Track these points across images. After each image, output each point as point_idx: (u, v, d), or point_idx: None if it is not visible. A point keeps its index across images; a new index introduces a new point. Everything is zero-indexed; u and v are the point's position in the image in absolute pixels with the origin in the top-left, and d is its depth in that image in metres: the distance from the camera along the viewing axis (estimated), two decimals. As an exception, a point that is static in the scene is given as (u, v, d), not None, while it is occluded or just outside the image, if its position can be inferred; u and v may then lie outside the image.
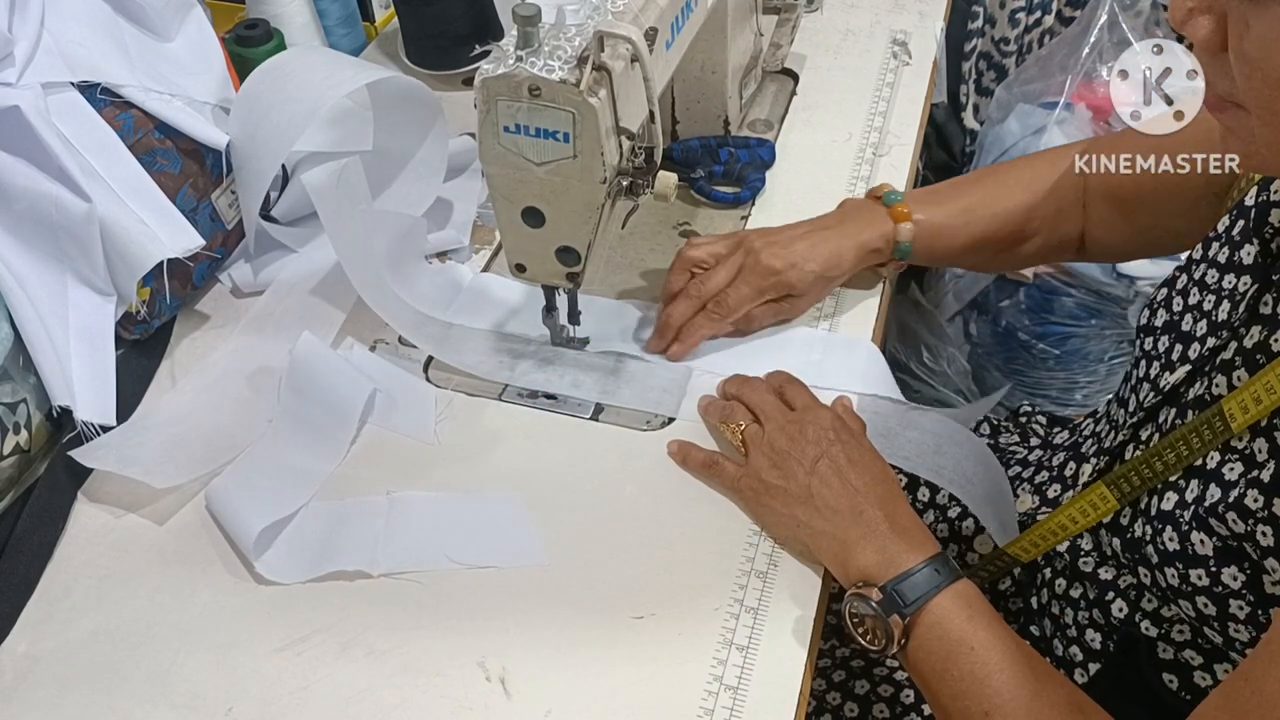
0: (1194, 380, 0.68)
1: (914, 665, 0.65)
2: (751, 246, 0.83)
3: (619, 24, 0.65)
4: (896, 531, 0.67)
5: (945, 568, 0.65)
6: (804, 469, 0.71)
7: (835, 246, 0.84)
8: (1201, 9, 0.52)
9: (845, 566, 0.67)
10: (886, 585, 0.64)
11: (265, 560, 0.70)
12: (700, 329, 0.83)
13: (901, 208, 0.85)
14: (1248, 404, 0.60)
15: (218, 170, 0.87)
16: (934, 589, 0.64)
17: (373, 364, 0.84)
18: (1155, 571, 0.67)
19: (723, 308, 0.82)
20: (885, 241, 0.85)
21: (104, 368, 0.78)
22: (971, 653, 0.62)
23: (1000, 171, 0.91)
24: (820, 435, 0.72)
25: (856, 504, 0.69)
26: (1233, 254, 0.68)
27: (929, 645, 0.63)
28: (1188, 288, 0.71)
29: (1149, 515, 0.67)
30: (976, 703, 0.61)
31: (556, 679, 0.65)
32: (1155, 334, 0.73)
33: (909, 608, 0.63)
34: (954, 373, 1.67)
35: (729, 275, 0.83)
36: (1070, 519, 0.75)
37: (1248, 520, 0.59)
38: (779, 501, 0.71)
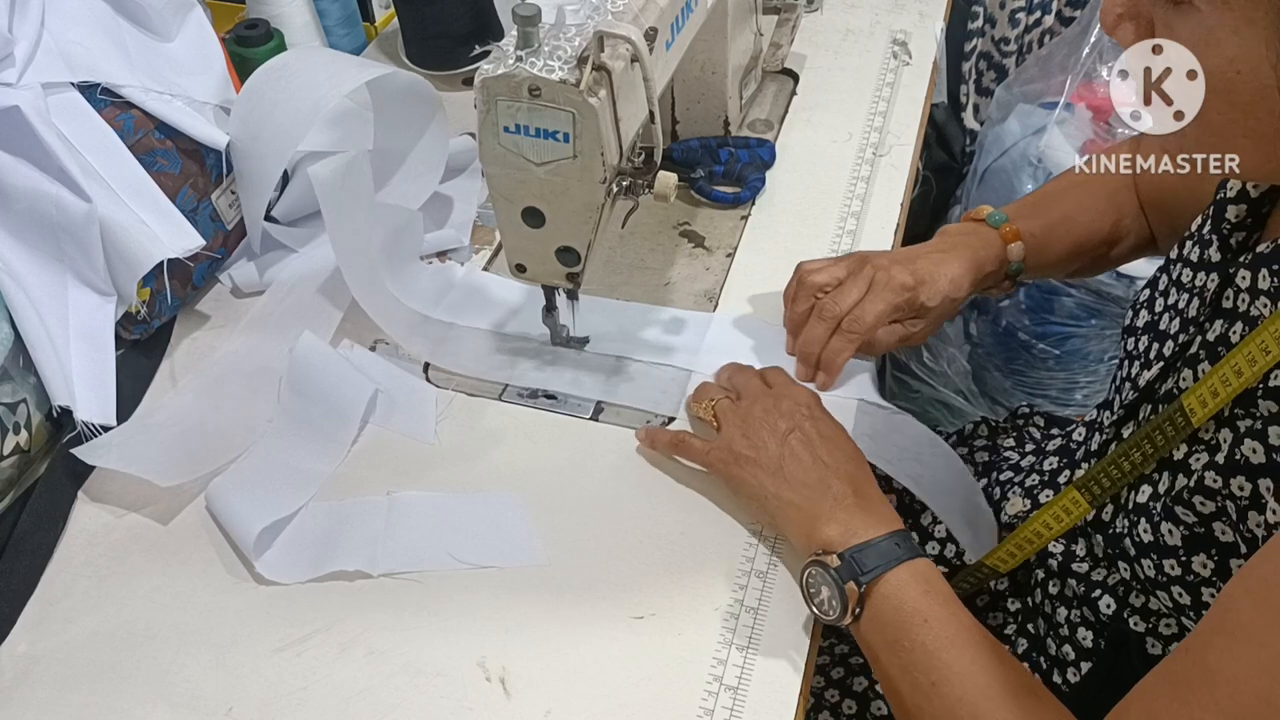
0: (1166, 377, 0.68)
1: (865, 636, 0.64)
2: (879, 263, 0.81)
3: (619, 24, 0.65)
4: (861, 506, 0.67)
5: (906, 543, 0.65)
6: (775, 441, 0.71)
7: (956, 268, 0.82)
8: (1129, 15, 0.54)
9: (809, 538, 0.67)
10: (845, 552, 0.64)
11: (265, 560, 0.70)
12: (841, 352, 0.80)
13: (1009, 228, 0.85)
14: (1205, 398, 0.60)
15: (218, 170, 0.87)
16: (893, 560, 0.64)
17: (372, 364, 0.84)
18: (1134, 564, 0.67)
19: (859, 324, 0.79)
20: (999, 263, 0.85)
21: (104, 368, 0.78)
22: (925, 625, 0.62)
23: (1083, 176, 0.90)
24: (794, 409, 0.73)
25: (825, 478, 0.69)
26: (1202, 252, 0.69)
27: (883, 615, 0.63)
28: (1168, 288, 0.72)
29: (1127, 509, 0.68)
30: (925, 674, 0.60)
31: (556, 679, 0.65)
32: (1137, 334, 0.74)
33: (866, 575, 0.63)
34: (954, 373, 1.67)
35: (860, 292, 0.80)
36: (1045, 525, 0.75)
37: (1214, 499, 0.60)
38: (749, 471, 0.71)
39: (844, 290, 0.80)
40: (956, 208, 1.74)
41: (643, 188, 0.75)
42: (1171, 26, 0.51)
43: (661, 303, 0.91)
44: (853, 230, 0.96)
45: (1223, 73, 0.50)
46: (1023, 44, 1.73)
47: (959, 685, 0.59)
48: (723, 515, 0.74)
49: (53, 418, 0.77)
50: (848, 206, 0.99)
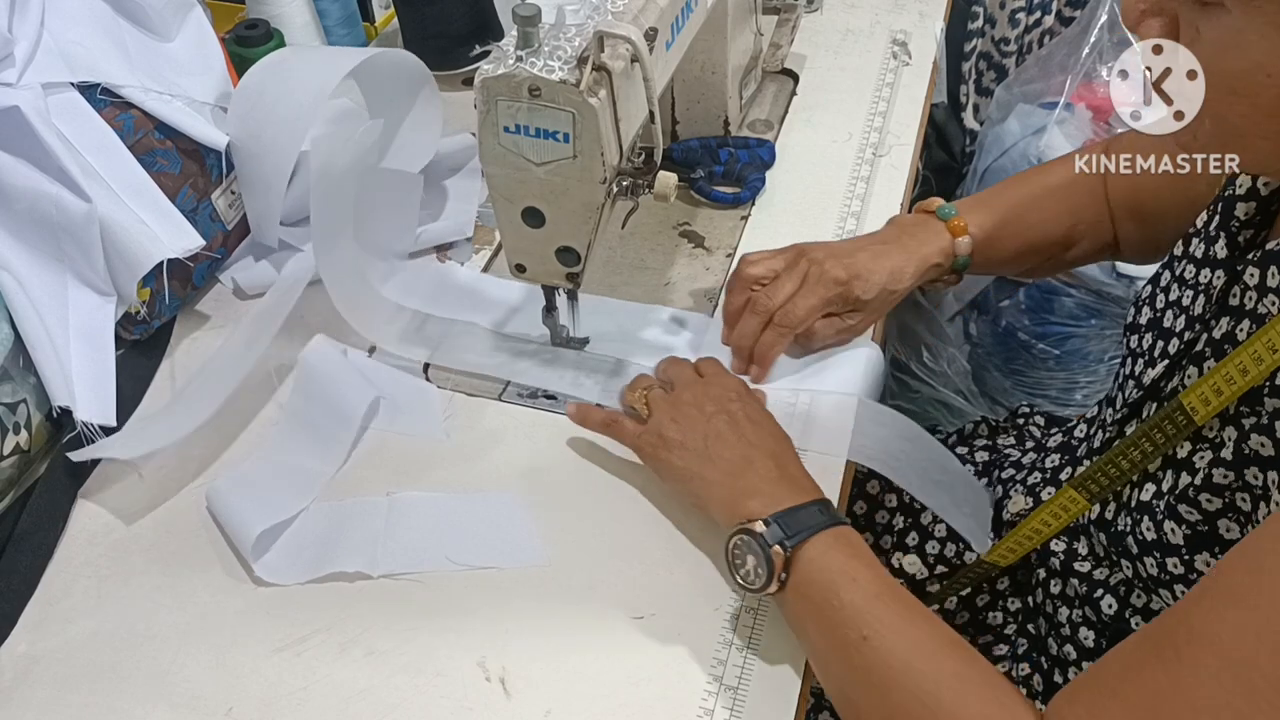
0: (1171, 375, 0.68)
1: (791, 603, 0.64)
2: (814, 257, 0.82)
3: (619, 24, 0.65)
4: (785, 479, 0.68)
5: (829, 510, 0.65)
6: (703, 423, 0.71)
7: (897, 260, 0.82)
8: (1153, 11, 0.53)
9: (733, 513, 0.67)
10: (770, 518, 0.64)
11: (264, 562, 0.70)
12: (773, 346, 0.81)
13: (958, 221, 0.85)
14: (1208, 395, 0.60)
15: (217, 170, 0.87)
16: (818, 525, 0.64)
17: (372, 369, 0.84)
18: (1136, 563, 0.67)
19: (790, 319, 0.80)
20: (945, 256, 0.85)
21: (104, 368, 0.78)
22: (854, 583, 0.61)
23: (1041, 176, 0.90)
24: (722, 395, 0.73)
25: (749, 455, 0.69)
26: (1208, 249, 0.68)
27: (810, 577, 0.62)
28: (1170, 284, 0.72)
29: (1130, 507, 0.68)
30: (855, 629, 0.59)
31: (556, 679, 0.65)
32: (1140, 331, 0.74)
33: (792, 539, 0.63)
34: (954, 373, 1.67)
35: (793, 287, 0.81)
36: (1043, 522, 0.75)
37: (1222, 495, 0.60)
38: (676, 455, 0.71)
39: (778, 285, 0.81)
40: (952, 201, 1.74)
41: (643, 188, 0.75)
42: (1197, 27, 0.50)
43: (661, 303, 0.91)
44: (852, 230, 0.96)
45: (1250, 75, 0.50)
46: (1023, 44, 1.73)
47: (890, 637, 0.59)
48: (723, 515, 0.74)
49: (53, 418, 0.77)
50: (847, 206, 0.99)
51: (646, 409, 0.75)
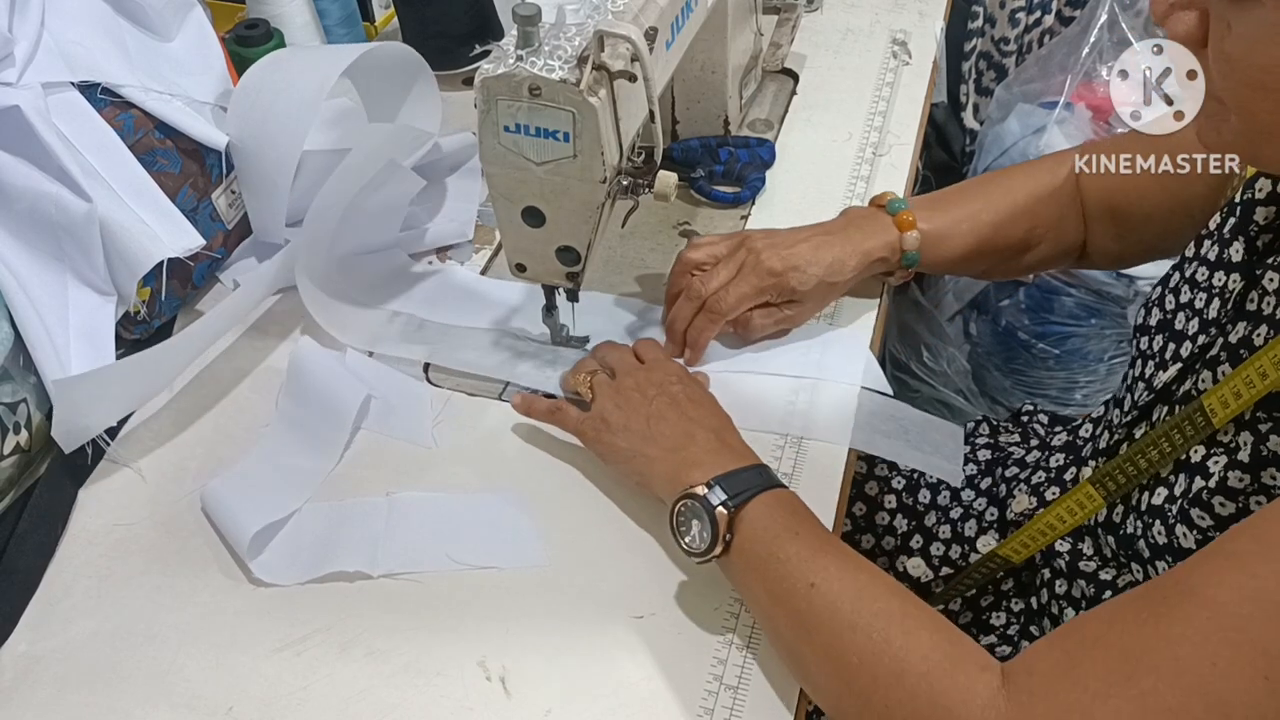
0: (1184, 378, 0.68)
1: (735, 564, 0.64)
2: (753, 246, 0.82)
3: (619, 23, 0.65)
4: (725, 448, 0.69)
5: (768, 474, 0.67)
6: (644, 405, 0.72)
7: (839, 252, 0.82)
8: (1182, 4, 0.53)
9: (676, 483, 0.67)
10: (712, 480, 0.64)
11: (261, 562, 0.70)
12: (703, 331, 0.82)
13: (906, 215, 0.84)
14: (1228, 399, 0.60)
15: (218, 170, 0.87)
16: (760, 486, 0.65)
17: (369, 368, 0.84)
18: (1147, 566, 0.67)
19: (720, 306, 0.81)
20: (890, 250, 0.84)
21: (104, 368, 0.78)
22: (796, 536, 0.62)
23: (1003, 178, 0.89)
24: (664, 379, 0.74)
25: (689, 429, 0.70)
26: (1222, 251, 0.68)
27: (754, 534, 0.63)
28: (1180, 286, 0.71)
29: (1140, 511, 0.68)
30: (803, 577, 0.60)
31: (556, 679, 0.65)
32: (1150, 333, 0.73)
33: (734, 500, 0.63)
34: (954, 373, 1.67)
35: (729, 275, 0.82)
36: (1058, 518, 0.75)
37: (1236, 499, 0.60)
38: (620, 437, 0.72)
39: (714, 272, 0.82)
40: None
41: (643, 187, 0.75)
42: (1228, 21, 0.50)
43: (661, 302, 0.90)
44: (853, 230, 0.96)
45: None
46: (1022, 44, 1.73)
47: (837, 583, 0.59)
48: (723, 515, 0.74)
49: (53, 418, 0.77)
50: (848, 206, 0.99)
51: (590, 393, 0.76)
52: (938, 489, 0.94)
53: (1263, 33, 0.48)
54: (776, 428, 0.79)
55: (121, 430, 0.79)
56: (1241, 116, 0.52)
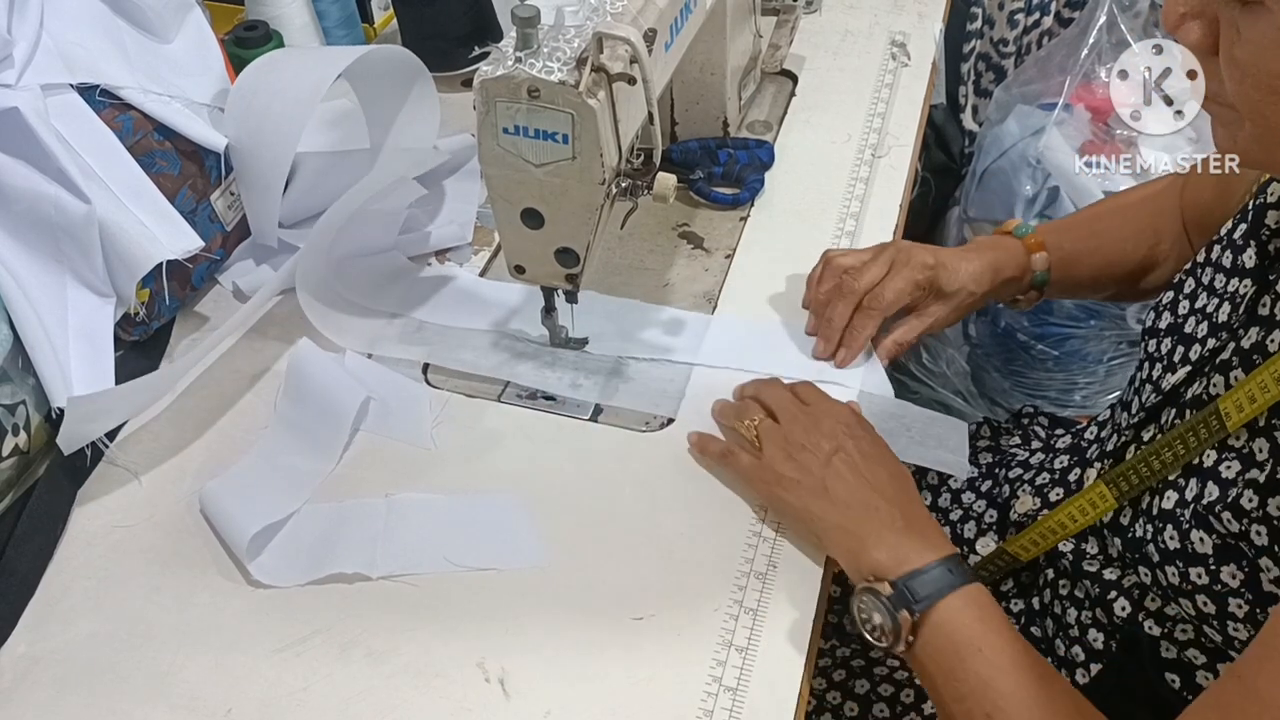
0: (1193, 381, 0.68)
1: (920, 664, 0.64)
2: (901, 246, 0.84)
3: (618, 25, 0.65)
4: (911, 529, 0.67)
5: (958, 569, 0.65)
6: (819, 462, 0.71)
7: (979, 265, 0.85)
8: (1193, 14, 0.53)
9: (858, 561, 0.67)
10: (898, 581, 0.64)
11: (260, 564, 0.70)
12: (862, 329, 0.82)
13: (1033, 238, 0.86)
14: (1242, 403, 0.60)
15: (216, 171, 0.87)
16: (946, 588, 0.64)
17: (369, 369, 0.84)
18: (1156, 570, 0.67)
19: (879, 300, 0.82)
20: (1020, 270, 0.86)
21: (103, 369, 0.78)
22: (979, 654, 0.61)
23: (1125, 197, 0.92)
24: (835, 429, 0.73)
25: (871, 499, 0.68)
26: (1235, 257, 0.68)
27: (937, 644, 0.63)
28: (1194, 291, 0.71)
29: (1150, 514, 0.67)
30: (979, 705, 0.60)
31: (556, 680, 0.65)
32: (1159, 336, 0.73)
33: (919, 604, 0.63)
34: (953, 374, 1.67)
35: (882, 271, 0.83)
36: (1070, 517, 0.75)
37: (1242, 520, 0.59)
38: (793, 494, 0.70)
39: (866, 268, 0.83)
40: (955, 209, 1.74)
41: (642, 189, 0.75)
42: (1238, 27, 0.50)
43: (661, 304, 0.91)
44: (851, 231, 0.96)
45: None
46: (1021, 45, 1.73)
47: (1015, 716, 0.59)
48: (722, 516, 0.74)
49: (52, 419, 0.77)
50: (847, 207, 0.99)
51: (757, 442, 0.74)
52: (938, 490, 0.94)
53: (1272, 39, 0.48)
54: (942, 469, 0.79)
55: (120, 432, 0.79)
56: (1255, 122, 0.52)
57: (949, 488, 0.94)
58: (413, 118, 0.94)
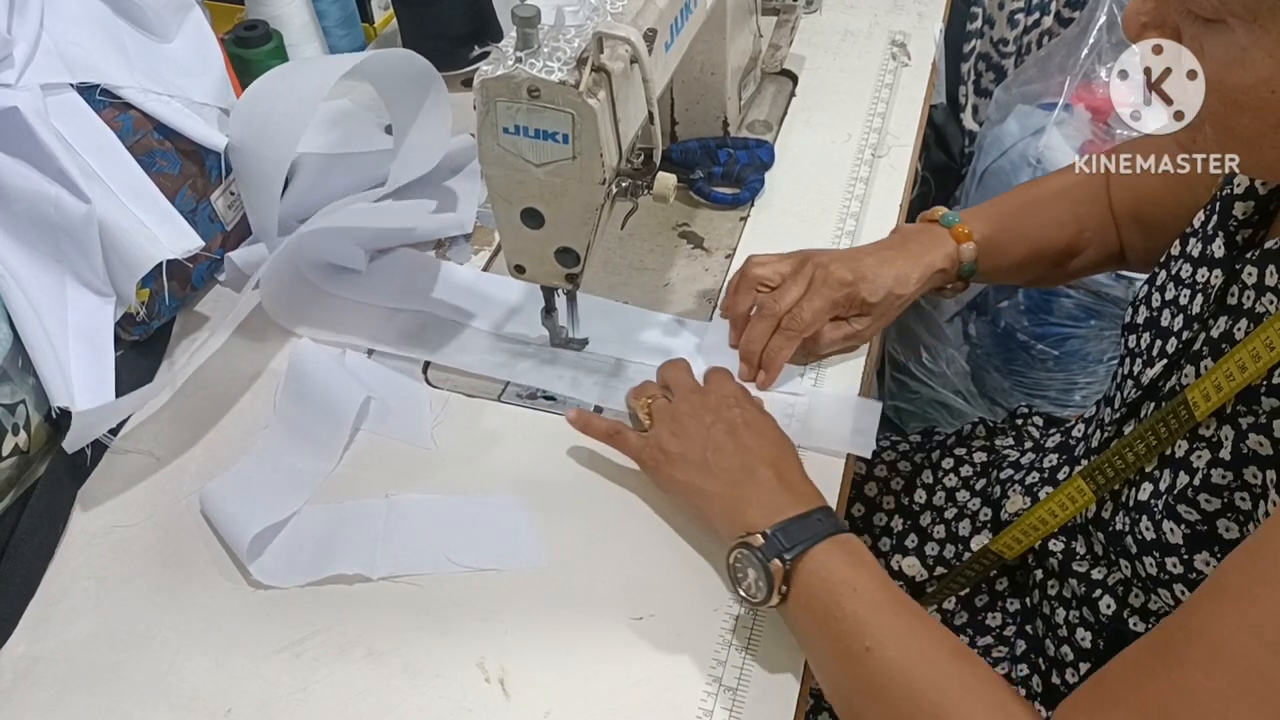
0: (1170, 374, 0.68)
1: (793, 615, 0.64)
2: (819, 261, 0.82)
3: (618, 25, 0.65)
4: (784, 486, 0.67)
5: (828, 518, 0.65)
6: (701, 434, 0.71)
7: (903, 265, 0.83)
8: (1154, 25, 0.54)
9: (733, 524, 0.67)
10: (768, 530, 0.64)
11: (260, 564, 0.70)
12: (781, 351, 0.81)
13: (962, 228, 0.85)
14: (1209, 391, 0.60)
15: (217, 171, 0.87)
16: (817, 535, 0.63)
17: (369, 369, 0.84)
18: (1135, 562, 0.67)
19: (797, 322, 0.80)
20: (950, 262, 0.85)
21: (103, 369, 0.78)
22: (854, 594, 0.61)
23: (1046, 184, 0.91)
24: (720, 403, 0.73)
25: (748, 463, 0.69)
26: (1204, 248, 0.69)
27: (810, 589, 0.62)
28: (1165, 283, 0.72)
29: (1128, 507, 0.68)
30: (859, 640, 0.59)
31: (556, 680, 0.65)
32: (1138, 331, 0.74)
33: (790, 552, 0.62)
34: (953, 373, 1.67)
35: (800, 290, 0.81)
36: (1050, 513, 0.75)
37: (1221, 495, 0.60)
38: (677, 469, 0.71)
39: (784, 289, 0.81)
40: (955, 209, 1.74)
41: (642, 189, 0.75)
42: (1200, 42, 0.51)
43: (661, 304, 0.91)
44: (851, 231, 0.96)
45: (1255, 91, 0.50)
46: (1021, 45, 1.73)
47: (894, 648, 0.58)
48: (722, 516, 0.74)
49: (52, 419, 0.77)
50: (846, 207, 0.99)
51: (649, 418, 0.75)
52: (933, 490, 0.94)
53: (1233, 55, 0.50)
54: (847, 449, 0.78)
55: (121, 431, 0.80)
56: (1216, 129, 0.54)
57: (944, 487, 0.94)
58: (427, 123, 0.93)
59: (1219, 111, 0.52)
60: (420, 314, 0.89)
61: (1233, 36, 0.49)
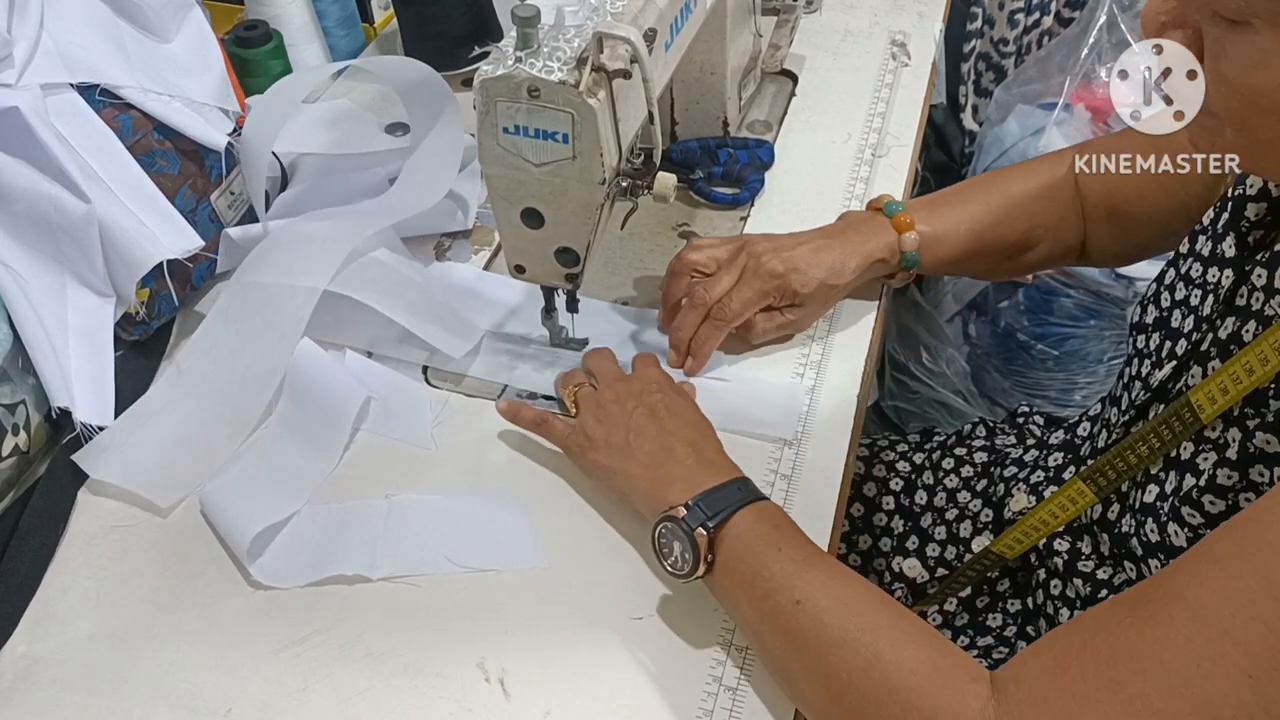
0: (1179, 376, 0.68)
1: (721, 583, 0.64)
2: (753, 251, 0.82)
3: (618, 25, 0.65)
4: (703, 463, 0.68)
5: (748, 488, 0.66)
6: (624, 419, 0.72)
7: (839, 255, 0.82)
8: (1174, 23, 0.53)
9: (656, 502, 0.67)
10: (690, 501, 0.64)
11: (261, 565, 0.70)
12: (708, 340, 0.82)
13: (904, 217, 0.84)
14: (1215, 394, 0.60)
15: (217, 171, 0.87)
16: (738, 503, 0.64)
17: (369, 369, 0.84)
18: (1141, 564, 0.67)
19: (725, 312, 0.81)
20: (890, 252, 0.84)
21: (103, 369, 0.78)
22: (779, 552, 0.61)
23: (1000, 178, 0.89)
24: (643, 388, 0.74)
25: (668, 444, 0.69)
26: (1215, 247, 0.68)
27: (735, 552, 0.63)
28: (1175, 283, 0.71)
29: (1134, 509, 0.68)
30: (788, 594, 0.59)
31: (556, 680, 0.65)
32: (1146, 331, 0.74)
33: (714, 519, 0.63)
34: (953, 374, 1.67)
35: (731, 280, 0.81)
36: (1050, 514, 0.75)
37: (1226, 496, 0.60)
38: (601, 454, 0.71)
39: (716, 278, 0.82)
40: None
41: (642, 189, 0.75)
42: (1223, 44, 0.50)
43: (659, 304, 0.90)
44: (852, 231, 0.96)
45: (1277, 95, 0.49)
46: (1021, 45, 1.73)
47: (823, 598, 0.59)
48: (722, 516, 0.74)
49: (52, 419, 0.77)
50: (846, 207, 0.99)
51: (575, 406, 0.76)
52: (934, 490, 0.94)
53: (1257, 57, 0.49)
54: (770, 432, 0.78)
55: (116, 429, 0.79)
56: (1239, 133, 0.53)
57: (944, 487, 0.94)
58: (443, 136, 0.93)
59: (1241, 114, 0.51)
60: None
61: (1256, 39, 0.48)
